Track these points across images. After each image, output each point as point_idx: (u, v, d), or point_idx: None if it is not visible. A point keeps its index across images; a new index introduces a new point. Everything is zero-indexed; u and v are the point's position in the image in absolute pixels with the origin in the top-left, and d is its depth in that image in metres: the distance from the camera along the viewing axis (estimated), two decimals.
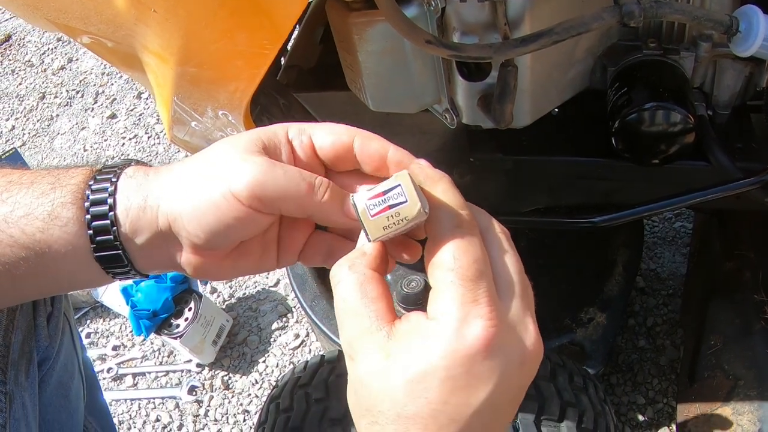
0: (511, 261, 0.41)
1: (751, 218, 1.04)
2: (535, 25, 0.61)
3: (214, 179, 0.43)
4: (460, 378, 0.37)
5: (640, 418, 1.15)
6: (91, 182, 0.47)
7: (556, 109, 0.76)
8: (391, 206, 0.38)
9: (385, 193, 0.38)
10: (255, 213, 0.44)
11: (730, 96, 0.75)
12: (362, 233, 0.41)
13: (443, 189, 0.41)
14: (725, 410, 0.87)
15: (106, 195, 0.46)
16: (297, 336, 1.42)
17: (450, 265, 0.38)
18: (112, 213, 0.46)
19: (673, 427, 1.12)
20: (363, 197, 0.39)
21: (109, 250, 0.47)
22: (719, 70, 0.73)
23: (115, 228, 0.46)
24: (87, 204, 0.46)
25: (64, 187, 0.47)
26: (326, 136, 0.45)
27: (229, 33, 0.54)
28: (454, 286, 0.38)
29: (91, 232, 0.46)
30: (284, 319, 1.46)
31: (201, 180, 0.44)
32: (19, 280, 0.49)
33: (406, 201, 0.38)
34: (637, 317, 1.27)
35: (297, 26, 0.73)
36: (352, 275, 0.40)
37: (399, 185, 0.38)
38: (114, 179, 0.46)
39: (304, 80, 0.83)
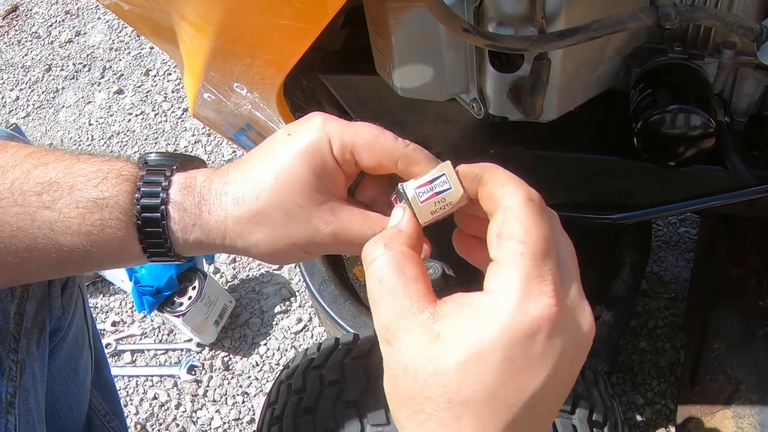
0: (568, 243, 0.40)
1: (757, 226, 1.05)
2: (571, 20, 0.61)
3: (287, 242, 0.47)
4: (518, 359, 0.34)
5: (639, 418, 1.16)
6: (137, 195, 0.48)
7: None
8: (437, 193, 0.42)
9: (431, 182, 0.42)
10: None
11: (748, 104, 0.76)
12: (395, 212, 0.44)
13: (504, 171, 0.40)
14: (726, 413, 0.88)
15: (159, 216, 0.47)
16: (299, 320, 1.42)
17: (521, 237, 0.36)
18: (166, 236, 0.48)
19: (671, 428, 1.13)
20: (411, 186, 0.43)
21: (163, 255, 0.50)
22: (740, 78, 0.74)
23: (168, 243, 0.49)
24: (138, 222, 0.48)
25: (113, 207, 0.48)
26: (369, 159, 0.46)
27: (275, 5, 0.53)
28: (523, 259, 0.35)
29: (144, 246, 0.49)
30: (287, 302, 1.46)
31: (275, 235, 0.47)
32: (60, 271, 0.53)
33: (451, 188, 0.42)
34: (638, 319, 1.28)
35: None
36: (387, 253, 0.39)
37: (444, 174, 0.42)
38: (162, 196, 0.48)
39: (329, 62, 0.82)
